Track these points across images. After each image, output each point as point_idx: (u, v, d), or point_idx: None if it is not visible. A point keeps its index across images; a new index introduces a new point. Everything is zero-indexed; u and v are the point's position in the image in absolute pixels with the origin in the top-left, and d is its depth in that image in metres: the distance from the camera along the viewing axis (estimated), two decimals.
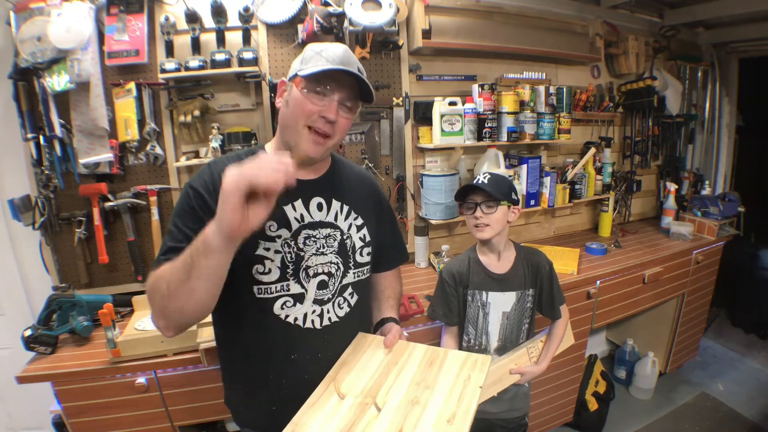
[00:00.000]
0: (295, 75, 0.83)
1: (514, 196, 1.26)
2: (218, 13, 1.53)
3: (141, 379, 1.29)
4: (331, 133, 0.83)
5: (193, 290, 0.67)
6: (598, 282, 1.83)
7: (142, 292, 1.56)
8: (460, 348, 1.36)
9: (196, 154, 1.64)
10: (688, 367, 2.52)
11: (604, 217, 2.34)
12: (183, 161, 1.60)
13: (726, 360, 2.64)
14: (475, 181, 1.25)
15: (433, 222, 1.88)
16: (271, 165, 0.60)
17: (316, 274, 0.90)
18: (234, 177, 0.58)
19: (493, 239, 1.26)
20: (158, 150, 1.59)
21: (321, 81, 0.80)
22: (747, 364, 2.59)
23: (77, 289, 1.58)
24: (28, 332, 1.31)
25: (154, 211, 1.60)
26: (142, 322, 1.39)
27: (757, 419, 2.11)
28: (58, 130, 1.46)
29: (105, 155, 1.52)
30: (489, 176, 1.25)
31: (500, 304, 1.29)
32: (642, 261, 1.97)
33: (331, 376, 0.86)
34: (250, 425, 0.97)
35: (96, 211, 1.54)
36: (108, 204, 1.55)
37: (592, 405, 2.05)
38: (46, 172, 1.49)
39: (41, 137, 1.47)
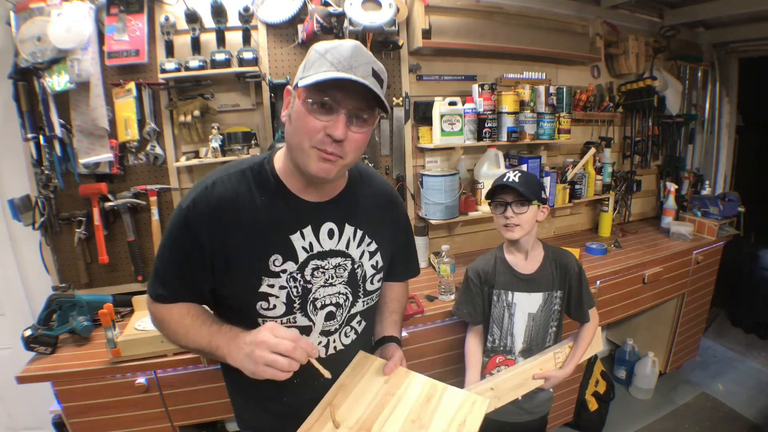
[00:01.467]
0: (297, 85, 0.72)
1: (543, 195, 1.22)
2: (218, 13, 1.53)
3: (141, 379, 1.29)
4: (341, 154, 0.71)
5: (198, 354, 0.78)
6: (598, 282, 1.83)
7: (142, 292, 1.56)
8: (485, 348, 1.34)
9: (196, 154, 1.64)
10: (688, 367, 2.52)
11: (604, 217, 2.34)
12: (183, 161, 1.60)
13: (726, 360, 2.64)
14: (505, 180, 1.20)
15: (433, 222, 1.88)
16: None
17: (323, 306, 0.84)
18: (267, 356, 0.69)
19: (522, 239, 1.24)
20: (158, 150, 1.59)
21: (325, 91, 0.68)
22: (747, 364, 2.59)
23: (77, 289, 1.58)
24: (28, 332, 1.31)
25: (154, 211, 1.60)
26: (142, 322, 1.39)
27: (757, 419, 2.11)
28: (58, 130, 1.46)
29: (105, 155, 1.52)
30: (520, 174, 1.20)
31: (526, 305, 1.27)
32: (642, 261, 1.97)
33: (327, 400, 0.84)
34: (252, 428, 0.97)
35: (96, 211, 1.54)
36: (108, 204, 1.55)
37: (592, 405, 2.05)
38: (46, 172, 1.49)
39: (41, 137, 1.46)
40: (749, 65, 2.90)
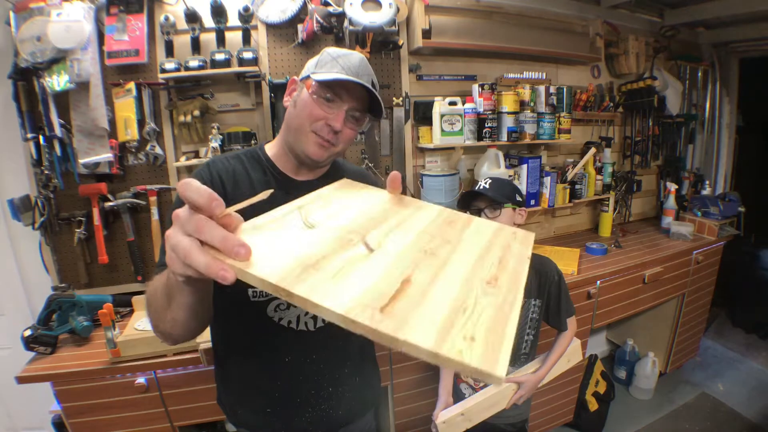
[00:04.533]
0: (308, 77, 0.82)
1: (518, 198, 1.23)
2: (218, 12, 1.53)
3: (141, 379, 1.29)
4: (334, 142, 0.83)
5: (175, 320, 0.61)
6: (599, 282, 1.83)
7: (141, 292, 1.56)
8: None
9: (196, 154, 1.64)
10: (688, 367, 2.52)
11: (605, 217, 2.34)
12: (183, 161, 1.60)
13: (726, 360, 2.64)
14: (476, 188, 1.22)
15: None
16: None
17: None
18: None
19: None
20: (158, 150, 1.59)
21: (332, 88, 0.80)
22: (747, 364, 2.59)
23: (77, 289, 1.58)
24: (28, 332, 1.31)
25: (154, 211, 1.60)
26: (141, 322, 1.39)
27: (757, 419, 2.11)
28: (57, 130, 1.45)
29: (105, 155, 1.52)
30: (490, 181, 1.23)
31: None
32: (642, 261, 1.97)
33: (297, 204, 0.58)
34: (245, 425, 0.97)
35: (96, 211, 1.54)
36: (108, 204, 1.55)
37: (592, 405, 2.05)
38: (46, 172, 1.49)
39: (41, 137, 1.46)
40: (749, 65, 2.89)
